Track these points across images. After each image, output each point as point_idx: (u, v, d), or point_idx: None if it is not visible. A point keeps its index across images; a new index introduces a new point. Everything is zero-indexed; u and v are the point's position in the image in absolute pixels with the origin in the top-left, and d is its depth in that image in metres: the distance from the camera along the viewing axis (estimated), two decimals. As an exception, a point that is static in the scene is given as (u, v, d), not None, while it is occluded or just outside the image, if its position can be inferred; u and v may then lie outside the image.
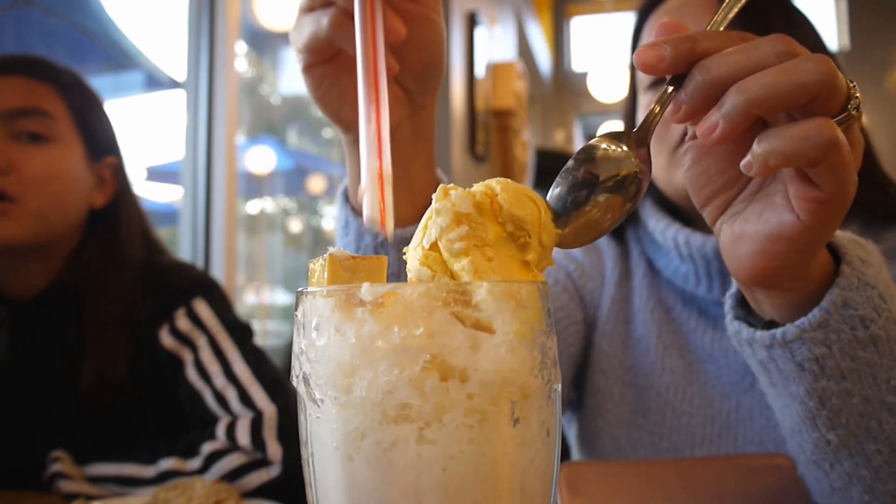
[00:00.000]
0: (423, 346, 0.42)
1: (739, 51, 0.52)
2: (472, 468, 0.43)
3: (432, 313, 0.43)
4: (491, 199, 0.49)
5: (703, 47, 0.53)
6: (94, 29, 3.68)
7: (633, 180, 0.54)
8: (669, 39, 0.53)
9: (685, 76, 0.54)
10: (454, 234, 0.47)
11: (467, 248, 0.47)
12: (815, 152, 0.50)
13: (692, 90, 0.53)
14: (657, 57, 0.53)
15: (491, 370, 0.42)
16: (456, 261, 0.47)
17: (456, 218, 0.48)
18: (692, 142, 0.62)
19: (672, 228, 1.10)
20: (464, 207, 0.48)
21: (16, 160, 1.23)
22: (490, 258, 0.48)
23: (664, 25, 0.55)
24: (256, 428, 1.15)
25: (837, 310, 0.64)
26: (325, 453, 0.45)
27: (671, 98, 0.55)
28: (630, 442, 1.12)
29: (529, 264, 0.49)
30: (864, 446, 0.69)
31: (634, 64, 0.54)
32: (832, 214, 0.56)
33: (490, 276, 0.47)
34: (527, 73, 6.63)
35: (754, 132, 0.53)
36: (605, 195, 0.54)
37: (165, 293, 1.31)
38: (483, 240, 0.48)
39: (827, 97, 0.51)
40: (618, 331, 1.19)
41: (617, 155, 0.55)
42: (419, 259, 0.49)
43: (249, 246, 4.08)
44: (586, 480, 0.91)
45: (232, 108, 3.06)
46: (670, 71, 0.54)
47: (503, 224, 0.49)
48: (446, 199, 0.48)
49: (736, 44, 0.53)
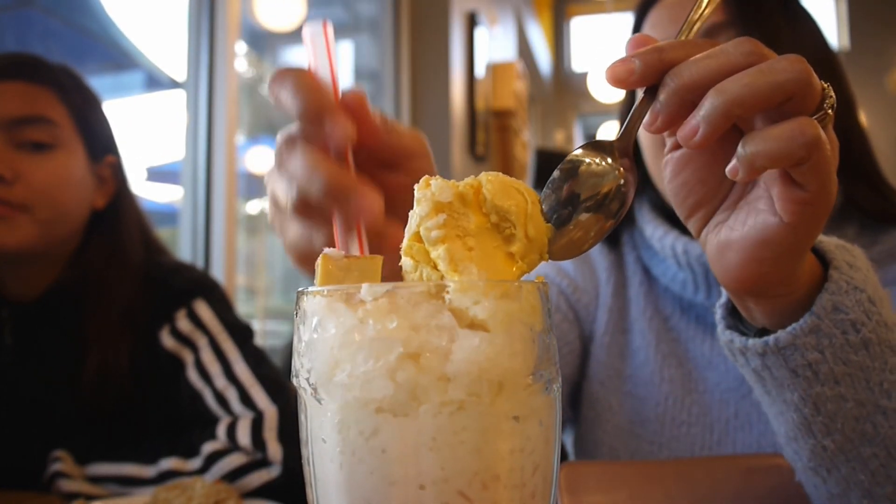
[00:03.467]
0: (423, 346, 0.42)
1: (708, 56, 0.53)
2: (463, 466, 0.43)
3: (431, 313, 0.43)
4: (475, 190, 0.49)
5: (671, 56, 0.53)
6: (94, 29, 3.68)
7: (616, 196, 0.54)
8: (637, 53, 0.53)
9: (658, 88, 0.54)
10: (432, 223, 0.47)
11: (445, 237, 0.47)
12: (800, 151, 0.51)
13: (666, 97, 0.53)
14: (627, 70, 0.53)
15: (488, 370, 0.42)
16: (433, 248, 0.47)
17: (435, 207, 0.48)
18: (670, 154, 0.62)
19: (670, 236, 1.10)
20: (444, 197, 0.48)
21: (21, 169, 1.23)
22: (470, 248, 0.48)
23: (634, 40, 0.55)
24: (257, 428, 1.15)
25: (828, 314, 0.64)
26: (324, 453, 0.45)
27: (647, 109, 0.55)
28: (629, 452, 1.12)
29: (514, 255, 0.49)
30: (860, 451, 0.69)
31: (606, 79, 0.54)
32: (816, 215, 0.56)
33: (467, 264, 0.47)
34: (527, 73, 6.63)
35: (731, 140, 0.53)
36: (587, 214, 0.54)
37: (166, 294, 1.31)
38: (465, 230, 0.48)
39: (803, 96, 0.52)
40: (615, 342, 1.18)
41: (600, 170, 0.55)
42: (403, 249, 0.49)
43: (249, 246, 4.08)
44: (586, 480, 0.91)
45: (232, 108, 3.06)
46: (641, 83, 0.54)
47: (487, 215, 0.49)
48: (427, 189, 0.48)
49: (704, 50, 0.53)
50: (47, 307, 1.31)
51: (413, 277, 0.49)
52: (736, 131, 0.55)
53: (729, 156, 0.53)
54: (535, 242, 0.50)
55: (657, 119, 0.54)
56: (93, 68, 3.63)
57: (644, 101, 0.55)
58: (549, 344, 0.47)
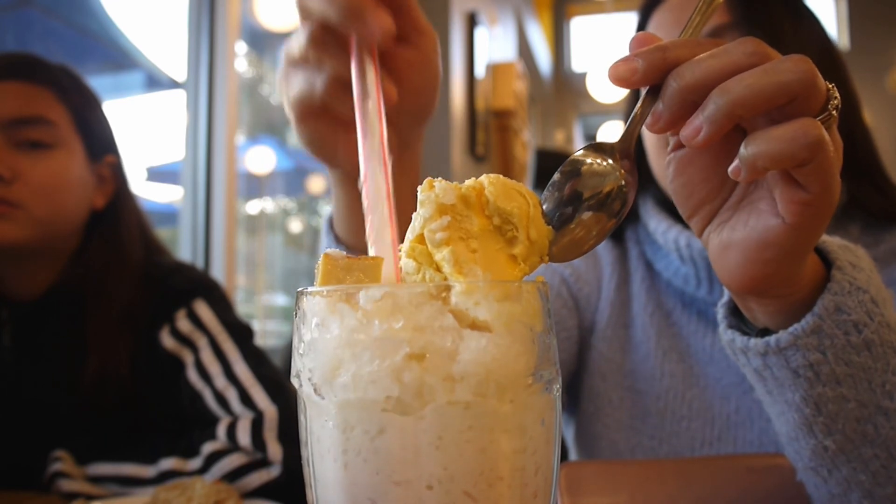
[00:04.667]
0: (423, 346, 0.42)
1: (711, 56, 0.52)
2: (468, 466, 0.43)
3: (430, 313, 0.43)
4: (478, 193, 0.49)
5: (674, 55, 0.53)
6: (94, 29, 3.68)
7: (618, 195, 0.54)
8: (640, 52, 0.53)
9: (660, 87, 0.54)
10: (436, 225, 0.47)
11: (449, 239, 0.47)
12: (803, 153, 0.50)
13: (669, 98, 0.53)
14: (630, 70, 0.53)
15: (486, 369, 0.42)
16: (437, 251, 0.47)
17: (439, 209, 0.48)
18: (673, 153, 0.62)
19: (673, 230, 1.10)
20: (447, 199, 0.48)
21: (19, 169, 1.23)
22: (474, 250, 0.48)
23: (637, 38, 0.55)
24: (257, 428, 1.15)
25: (830, 315, 0.64)
26: (324, 453, 0.45)
27: (650, 109, 0.55)
28: (629, 446, 1.12)
29: (517, 258, 0.49)
30: (861, 451, 0.69)
31: (609, 78, 0.54)
32: (818, 216, 0.56)
33: (471, 266, 0.47)
34: (527, 73, 6.63)
35: (734, 140, 0.53)
36: (589, 213, 0.54)
37: (166, 294, 1.31)
38: (468, 232, 0.48)
39: (807, 96, 0.51)
40: (617, 336, 1.18)
41: (602, 169, 0.55)
42: (406, 251, 0.49)
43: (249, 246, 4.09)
44: (586, 480, 0.91)
45: (232, 108, 3.06)
46: (644, 82, 0.54)
47: (490, 217, 0.49)
48: (430, 191, 0.48)
49: (707, 50, 0.53)
50: (47, 307, 1.31)
51: (415, 279, 0.49)
52: (739, 131, 0.55)
53: (732, 156, 0.53)
54: (536, 245, 0.50)
55: (660, 120, 0.54)
56: (93, 68, 3.63)
57: (646, 101, 0.55)
58: (550, 344, 0.47)
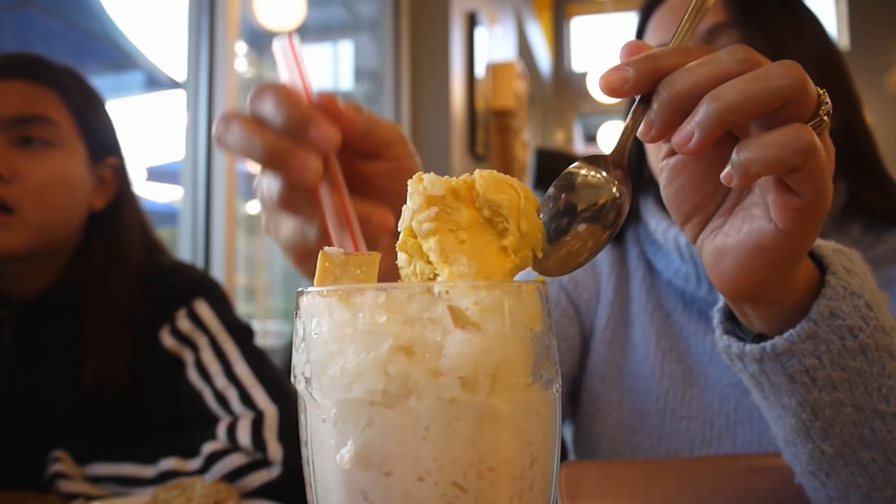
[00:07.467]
0: (415, 339, 0.42)
1: (701, 64, 0.52)
2: (457, 457, 0.43)
3: (428, 312, 0.43)
4: (468, 186, 0.50)
5: (665, 63, 0.53)
6: (94, 29, 3.68)
7: (612, 207, 0.54)
8: (631, 61, 0.53)
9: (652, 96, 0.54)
10: (423, 216, 0.48)
11: (436, 229, 0.48)
12: (795, 158, 0.50)
13: (660, 106, 0.53)
14: (620, 79, 0.53)
15: (482, 363, 0.43)
16: (425, 241, 0.48)
17: (427, 200, 0.48)
18: (666, 160, 0.62)
19: (673, 229, 1.10)
20: (436, 191, 0.48)
21: (18, 168, 1.22)
22: (462, 241, 0.48)
23: (627, 47, 0.55)
24: (257, 428, 1.15)
25: (825, 320, 0.64)
26: (322, 450, 0.46)
27: (641, 117, 0.55)
28: (629, 446, 1.12)
29: (507, 249, 0.50)
30: (858, 455, 0.69)
31: (599, 87, 0.54)
32: (811, 221, 0.56)
33: (457, 256, 0.47)
34: (527, 73, 6.63)
35: (726, 146, 0.53)
36: (584, 225, 0.54)
37: (166, 294, 1.31)
38: (457, 224, 0.49)
39: (798, 102, 0.51)
40: (616, 336, 1.18)
41: (596, 182, 0.55)
42: (398, 244, 0.50)
43: (249, 246, 4.08)
44: (586, 480, 0.91)
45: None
46: (635, 91, 0.54)
47: (480, 209, 0.50)
48: (419, 184, 0.49)
49: (697, 58, 0.53)
50: (47, 307, 1.31)
51: (407, 272, 0.50)
52: (731, 138, 0.55)
53: (724, 162, 0.53)
54: (528, 237, 0.50)
55: (652, 128, 0.54)
56: (93, 68, 3.62)
57: (639, 109, 0.55)
58: (549, 345, 0.47)
